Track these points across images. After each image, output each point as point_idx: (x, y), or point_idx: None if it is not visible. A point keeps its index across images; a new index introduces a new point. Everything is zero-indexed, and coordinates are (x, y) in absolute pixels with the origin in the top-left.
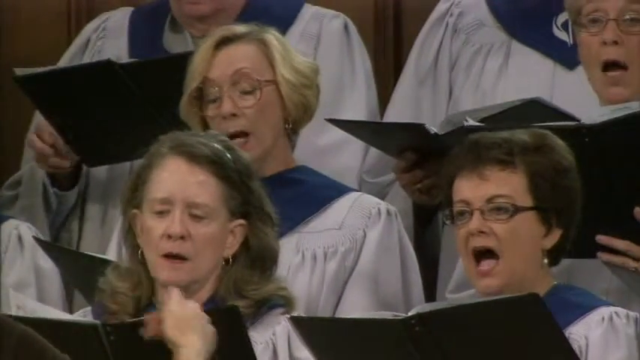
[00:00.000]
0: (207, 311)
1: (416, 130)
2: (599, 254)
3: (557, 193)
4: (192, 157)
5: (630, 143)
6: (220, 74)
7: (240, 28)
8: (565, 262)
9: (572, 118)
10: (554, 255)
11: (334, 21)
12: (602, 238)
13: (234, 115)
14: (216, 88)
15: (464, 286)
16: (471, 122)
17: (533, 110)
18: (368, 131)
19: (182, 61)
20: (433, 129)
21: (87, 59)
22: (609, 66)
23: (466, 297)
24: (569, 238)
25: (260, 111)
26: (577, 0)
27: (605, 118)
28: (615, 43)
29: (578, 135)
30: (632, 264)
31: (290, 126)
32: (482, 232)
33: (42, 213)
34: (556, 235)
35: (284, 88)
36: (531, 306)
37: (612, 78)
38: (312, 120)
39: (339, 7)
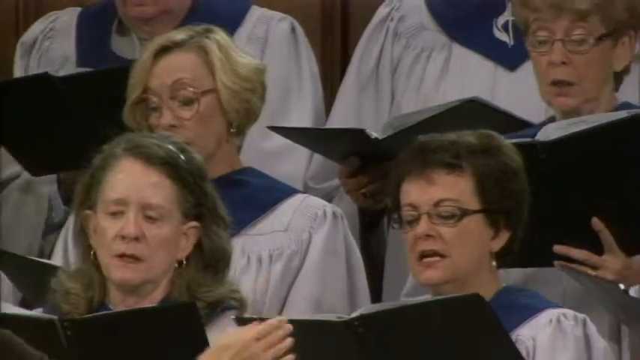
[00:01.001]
0: (163, 306)
1: (357, 135)
2: (556, 263)
3: (504, 195)
4: (147, 158)
5: (587, 156)
6: (160, 84)
7: (180, 35)
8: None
9: (511, 116)
10: (503, 257)
11: (281, 23)
12: (559, 248)
13: (173, 126)
14: (157, 98)
15: (420, 290)
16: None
17: (472, 110)
18: (310, 138)
19: (121, 73)
20: (374, 134)
21: (34, 59)
22: (557, 84)
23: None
24: (517, 239)
25: (200, 121)
26: (523, 12)
27: (560, 134)
28: (563, 63)
29: (533, 151)
30: (590, 272)
31: (234, 130)
32: (429, 235)
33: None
34: (504, 237)
35: (224, 95)
36: (474, 306)
37: (561, 89)
38: (258, 122)
39: (286, 9)
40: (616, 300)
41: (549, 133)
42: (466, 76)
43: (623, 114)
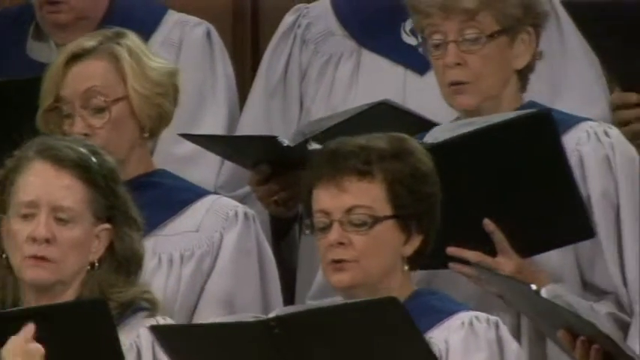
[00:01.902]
0: (75, 301)
1: (268, 142)
2: (451, 265)
3: (416, 200)
4: (58, 160)
5: (474, 158)
6: (72, 92)
7: (91, 42)
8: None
9: (421, 118)
10: (415, 260)
11: (197, 28)
12: (452, 250)
13: (86, 134)
14: (68, 106)
15: (325, 292)
16: (315, 146)
17: (383, 113)
18: (221, 145)
19: (31, 84)
20: (285, 141)
21: None
22: (454, 84)
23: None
24: (429, 242)
25: (112, 129)
26: (415, 17)
27: (447, 135)
28: (458, 64)
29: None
30: (502, 273)
31: (147, 134)
32: (341, 243)
33: None
34: (416, 241)
35: (136, 102)
36: (390, 309)
37: (459, 88)
38: (171, 127)
39: (197, 11)
40: (527, 300)
41: (436, 135)
42: (376, 81)
43: (510, 115)
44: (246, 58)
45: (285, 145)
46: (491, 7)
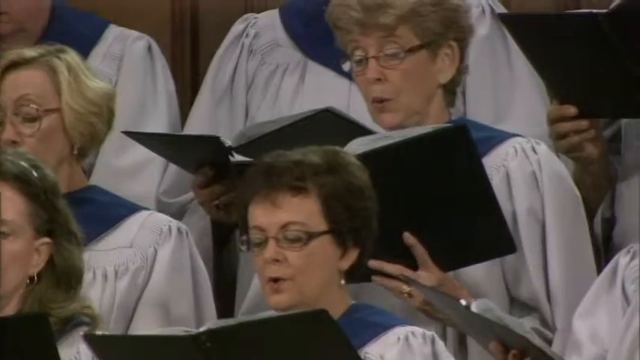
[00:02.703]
0: (16, 316)
1: (211, 143)
2: (374, 278)
3: (351, 214)
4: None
5: (392, 171)
6: (6, 99)
7: (31, 52)
8: None
9: (364, 128)
10: (352, 274)
11: (137, 42)
12: (373, 263)
13: (14, 142)
14: (2, 112)
15: (257, 307)
16: (238, 158)
17: (326, 120)
18: (165, 145)
19: None
20: (228, 142)
21: None
22: (377, 102)
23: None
24: (365, 255)
25: (41, 139)
26: (341, 40)
27: (364, 149)
28: (378, 80)
29: None
30: (404, 288)
31: (77, 152)
32: (277, 260)
33: None
34: (353, 255)
35: (68, 116)
36: (320, 321)
37: (382, 106)
38: (111, 140)
39: (136, 26)
40: (458, 313)
41: (353, 148)
42: (321, 92)
43: (428, 129)
44: (185, 73)
45: (228, 145)
46: (410, 22)
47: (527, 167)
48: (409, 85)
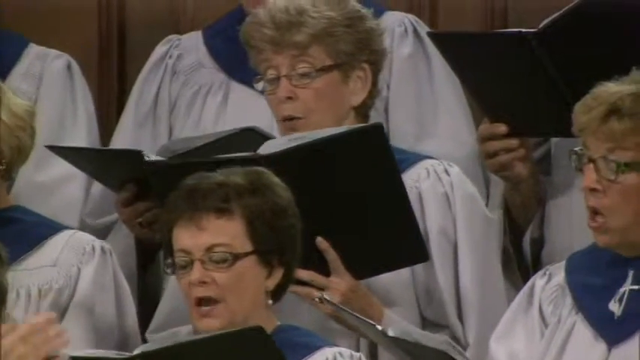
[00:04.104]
0: None
1: (134, 157)
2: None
3: (275, 234)
4: None
5: (307, 172)
6: None
7: None
8: None
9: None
10: (278, 293)
11: (57, 61)
12: None
13: None
14: None
15: (165, 325)
16: (152, 157)
17: (250, 138)
18: (88, 160)
19: None
20: (151, 156)
21: None
22: (288, 121)
23: (166, 336)
24: (291, 274)
25: None
26: (254, 60)
27: (281, 148)
28: (289, 98)
29: (256, 165)
30: (315, 294)
31: (4, 167)
32: (203, 282)
33: None
34: (278, 274)
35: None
36: (256, 338)
37: (292, 126)
38: (28, 160)
39: (63, 45)
40: (373, 333)
41: (269, 148)
42: (245, 112)
43: (342, 129)
44: (112, 93)
45: (151, 160)
46: (322, 42)
47: (440, 188)
48: (320, 104)
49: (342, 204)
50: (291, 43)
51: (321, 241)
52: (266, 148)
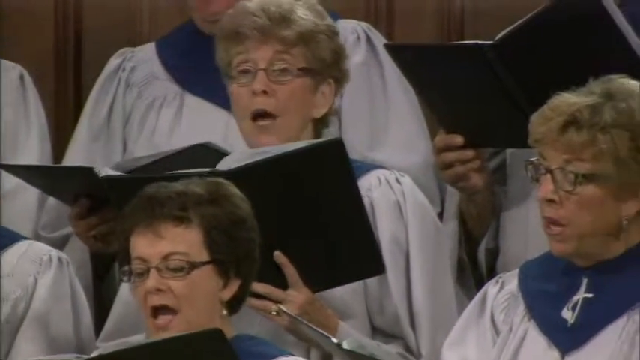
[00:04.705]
0: None
1: (85, 174)
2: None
3: (233, 245)
4: None
5: (266, 187)
6: None
7: None
8: None
9: None
10: (234, 304)
11: (10, 72)
12: None
13: None
14: None
15: (115, 333)
16: (108, 172)
17: (203, 154)
18: (40, 176)
19: None
20: (103, 172)
21: None
22: (259, 115)
23: (115, 344)
24: (248, 286)
25: None
26: (227, 53)
27: (241, 163)
28: (264, 92)
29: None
30: (272, 307)
31: None
32: (159, 289)
33: None
34: (234, 285)
35: None
36: (214, 341)
37: (262, 127)
38: None
39: (19, 58)
40: (329, 348)
41: (229, 163)
42: (199, 124)
43: (303, 144)
44: (68, 103)
45: (102, 176)
46: (307, 44)
47: (392, 197)
48: (292, 105)
49: (301, 217)
50: (279, 36)
51: (278, 255)
52: (226, 164)
